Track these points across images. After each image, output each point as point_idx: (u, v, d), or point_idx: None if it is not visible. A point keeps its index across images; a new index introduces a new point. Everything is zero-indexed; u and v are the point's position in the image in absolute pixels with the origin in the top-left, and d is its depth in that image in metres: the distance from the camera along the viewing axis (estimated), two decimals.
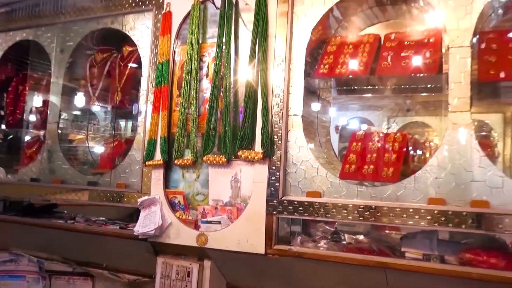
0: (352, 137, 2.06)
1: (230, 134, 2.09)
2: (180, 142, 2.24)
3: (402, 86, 2.15)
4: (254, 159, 2.01)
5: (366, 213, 1.78)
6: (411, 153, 2.09)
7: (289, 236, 2.11)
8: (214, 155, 2.13)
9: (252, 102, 2.06)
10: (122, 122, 3.15)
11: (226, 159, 2.09)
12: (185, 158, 2.23)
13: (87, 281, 2.73)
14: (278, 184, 1.98)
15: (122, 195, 2.40)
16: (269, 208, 1.98)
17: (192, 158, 2.19)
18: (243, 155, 2.03)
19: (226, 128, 2.10)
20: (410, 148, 2.03)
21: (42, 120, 3.06)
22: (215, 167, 2.16)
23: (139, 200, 2.27)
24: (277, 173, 1.99)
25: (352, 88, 2.27)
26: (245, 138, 2.05)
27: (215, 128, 2.16)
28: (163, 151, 2.28)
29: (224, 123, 2.10)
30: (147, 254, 2.31)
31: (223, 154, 2.10)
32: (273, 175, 1.99)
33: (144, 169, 2.36)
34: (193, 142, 2.20)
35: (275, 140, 2.01)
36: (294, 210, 1.93)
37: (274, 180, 1.99)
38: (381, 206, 1.76)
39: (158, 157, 2.30)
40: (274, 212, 1.97)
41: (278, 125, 2.02)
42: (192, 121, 2.21)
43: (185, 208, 2.25)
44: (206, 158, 2.13)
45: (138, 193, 2.36)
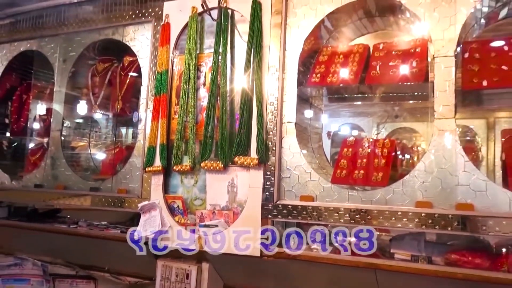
0: (343, 143, 2.11)
1: (227, 141, 2.13)
2: (178, 149, 2.27)
3: (390, 94, 2.19)
4: (249, 165, 2.05)
5: (357, 216, 1.82)
6: (400, 157, 2.14)
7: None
8: (211, 161, 2.15)
9: (247, 110, 2.10)
10: (123, 130, 3.17)
11: (223, 165, 2.12)
12: (183, 164, 2.26)
13: (90, 284, 2.75)
14: (272, 189, 2.02)
15: (123, 200, 2.43)
16: (264, 212, 2.02)
17: (190, 164, 2.23)
18: (239, 161, 2.07)
19: (223, 135, 2.13)
20: (398, 152, 2.07)
21: (45, 127, 3.07)
22: (213, 173, 2.19)
23: (140, 205, 2.30)
24: (271, 178, 2.03)
25: (343, 96, 2.32)
26: (241, 145, 2.08)
27: (212, 135, 2.19)
28: (163, 158, 2.32)
29: (221, 130, 2.14)
30: (148, 257, 2.33)
31: (220, 160, 2.13)
32: (268, 180, 2.04)
33: (144, 175, 2.40)
34: (191, 148, 2.23)
35: (270, 146, 2.05)
36: (288, 213, 1.97)
37: (269, 185, 2.03)
38: (371, 209, 1.80)
39: (158, 163, 2.34)
40: (269, 216, 2.01)
41: (272, 132, 2.06)
42: (190, 128, 2.24)
43: (183, 212, 2.29)
44: (203, 164, 2.17)
45: (139, 198, 2.39)
